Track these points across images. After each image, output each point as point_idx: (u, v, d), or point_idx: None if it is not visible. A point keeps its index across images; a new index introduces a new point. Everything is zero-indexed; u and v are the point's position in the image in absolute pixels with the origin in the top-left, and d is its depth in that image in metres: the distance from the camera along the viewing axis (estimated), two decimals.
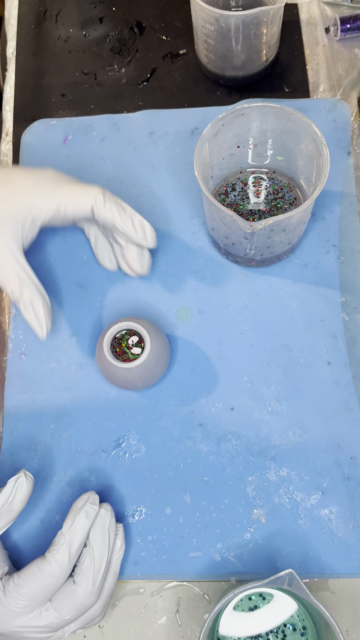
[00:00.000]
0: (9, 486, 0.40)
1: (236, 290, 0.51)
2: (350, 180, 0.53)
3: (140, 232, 0.44)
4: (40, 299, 0.44)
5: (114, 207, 0.43)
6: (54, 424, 0.48)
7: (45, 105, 0.59)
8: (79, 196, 0.43)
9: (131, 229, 0.44)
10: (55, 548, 0.39)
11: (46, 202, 0.43)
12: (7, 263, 0.43)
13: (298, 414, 0.47)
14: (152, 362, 0.43)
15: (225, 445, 0.47)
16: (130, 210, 0.44)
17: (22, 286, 0.43)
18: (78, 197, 0.43)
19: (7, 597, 0.38)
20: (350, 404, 0.47)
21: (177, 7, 0.62)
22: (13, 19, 0.63)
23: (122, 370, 0.42)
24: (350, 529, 0.44)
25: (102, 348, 0.43)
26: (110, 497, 0.46)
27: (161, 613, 0.45)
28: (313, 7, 0.60)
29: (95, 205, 0.43)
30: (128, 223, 0.44)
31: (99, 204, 0.43)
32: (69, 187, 0.44)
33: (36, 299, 0.44)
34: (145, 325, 0.44)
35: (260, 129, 0.47)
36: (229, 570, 0.44)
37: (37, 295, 0.44)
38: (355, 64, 0.57)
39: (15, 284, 0.43)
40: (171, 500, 0.46)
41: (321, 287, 0.50)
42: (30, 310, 0.44)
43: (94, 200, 0.43)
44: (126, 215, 0.44)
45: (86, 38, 0.62)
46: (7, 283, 0.44)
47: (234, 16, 0.48)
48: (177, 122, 0.56)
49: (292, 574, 0.37)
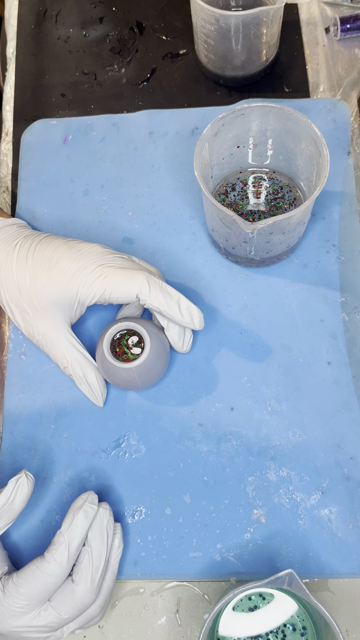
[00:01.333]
0: (10, 486, 0.40)
1: (236, 290, 0.51)
2: (350, 180, 0.53)
3: (187, 317, 0.44)
4: (93, 373, 0.46)
5: (160, 294, 0.43)
6: (54, 424, 0.48)
7: (45, 105, 0.59)
8: (124, 284, 0.43)
9: (178, 314, 0.44)
10: (54, 547, 0.39)
11: (91, 287, 0.44)
12: (59, 343, 0.46)
13: (298, 414, 0.47)
14: (152, 362, 0.43)
15: (225, 445, 0.47)
16: (176, 295, 0.44)
17: (74, 363, 0.46)
18: (123, 285, 0.43)
19: (6, 596, 0.38)
20: (350, 404, 0.47)
21: (177, 7, 0.62)
22: (13, 19, 0.63)
23: (122, 370, 0.42)
24: (350, 529, 0.44)
25: (102, 348, 0.43)
26: (110, 497, 0.46)
27: (161, 613, 0.45)
28: (313, 7, 0.60)
29: (140, 294, 0.43)
30: (175, 309, 0.44)
31: (144, 292, 0.43)
32: (114, 273, 0.44)
33: (89, 373, 0.46)
34: (145, 325, 0.44)
35: (260, 129, 0.47)
36: (229, 571, 0.44)
37: (90, 370, 0.46)
38: (355, 64, 0.57)
39: (67, 362, 0.46)
40: (171, 500, 0.46)
41: (321, 287, 0.50)
42: (85, 384, 0.47)
43: (139, 289, 0.43)
44: (173, 302, 0.44)
45: (86, 38, 0.62)
46: (60, 361, 0.46)
47: (234, 16, 0.48)
48: (177, 122, 0.56)
49: (292, 574, 0.37)
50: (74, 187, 0.55)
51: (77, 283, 0.44)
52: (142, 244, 0.53)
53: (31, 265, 0.45)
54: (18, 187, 0.56)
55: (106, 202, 0.54)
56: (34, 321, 0.45)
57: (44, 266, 0.44)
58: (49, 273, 0.44)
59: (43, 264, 0.45)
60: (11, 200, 0.56)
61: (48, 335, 0.45)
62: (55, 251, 0.45)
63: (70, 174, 0.56)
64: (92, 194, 0.55)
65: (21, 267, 0.45)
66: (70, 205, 0.55)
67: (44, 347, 0.46)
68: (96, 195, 0.55)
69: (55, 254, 0.45)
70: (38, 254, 0.45)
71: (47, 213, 0.54)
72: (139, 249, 0.53)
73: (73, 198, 0.55)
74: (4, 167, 0.57)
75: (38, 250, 0.45)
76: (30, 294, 0.45)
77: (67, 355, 0.46)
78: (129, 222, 0.54)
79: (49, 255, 0.45)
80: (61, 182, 0.55)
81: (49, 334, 0.45)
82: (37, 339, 0.46)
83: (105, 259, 0.45)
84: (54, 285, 0.44)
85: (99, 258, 0.45)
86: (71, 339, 0.46)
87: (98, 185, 0.55)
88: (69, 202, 0.55)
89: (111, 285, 0.43)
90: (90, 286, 0.44)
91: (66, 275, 0.44)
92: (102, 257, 0.45)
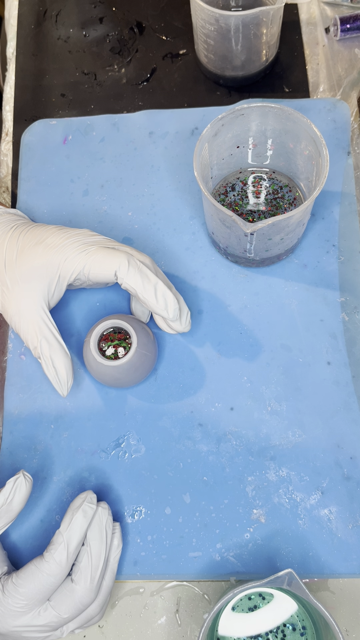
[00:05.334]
0: (8, 487, 0.40)
1: (236, 290, 0.51)
2: (350, 180, 0.53)
3: (161, 303, 0.43)
4: (62, 357, 0.44)
5: (138, 275, 0.43)
6: (54, 423, 0.48)
7: (45, 105, 0.59)
8: (104, 260, 0.43)
9: (153, 299, 0.43)
10: (54, 547, 0.39)
11: (73, 260, 0.43)
12: (31, 319, 0.44)
13: (298, 414, 0.47)
14: (138, 360, 0.43)
15: (225, 445, 0.47)
16: (154, 279, 0.43)
17: (43, 343, 0.44)
18: (103, 261, 0.43)
19: (5, 596, 0.38)
20: (350, 404, 0.47)
21: (177, 7, 0.62)
22: (13, 19, 0.63)
23: (108, 368, 0.43)
24: (350, 529, 0.44)
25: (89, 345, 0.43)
26: (109, 497, 0.46)
27: (161, 613, 0.45)
28: (313, 7, 0.60)
29: (118, 271, 0.43)
30: (150, 293, 0.43)
31: (123, 270, 0.43)
32: (97, 250, 0.44)
33: (57, 357, 0.44)
34: (133, 323, 0.44)
35: (260, 129, 0.47)
36: (229, 570, 0.44)
37: (58, 353, 0.44)
38: (355, 64, 0.57)
39: (37, 340, 0.44)
40: (171, 500, 0.46)
41: (321, 287, 0.50)
42: (51, 367, 0.44)
43: (118, 266, 0.43)
44: (150, 285, 0.43)
45: (86, 38, 0.62)
46: (29, 339, 0.44)
47: (234, 16, 0.48)
48: (177, 122, 0.56)
49: (291, 574, 0.37)
50: (74, 187, 0.55)
51: (60, 256, 0.44)
52: (142, 244, 0.53)
53: (21, 242, 0.45)
54: (18, 187, 0.56)
55: (106, 202, 0.54)
56: (12, 295, 0.44)
57: (32, 242, 0.45)
58: (35, 247, 0.45)
59: (32, 240, 0.45)
60: (11, 200, 0.56)
61: (23, 310, 0.44)
62: (46, 231, 0.46)
63: (70, 174, 0.56)
64: (92, 194, 0.55)
65: (11, 245, 0.45)
66: (70, 205, 0.55)
67: (16, 324, 0.45)
68: (96, 195, 0.55)
69: (45, 233, 0.45)
70: (29, 234, 0.46)
71: (47, 213, 0.54)
72: (138, 248, 0.53)
73: (73, 198, 0.55)
74: (4, 167, 0.58)
75: (30, 231, 0.46)
76: (13, 267, 0.44)
77: (38, 333, 0.44)
78: (129, 222, 0.54)
79: (39, 234, 0.45)
80: (61, 182, 0.55)
81: (24, 309, 0.44)
82: (10, 315, 0.45)
83: (93, 239, 0.45)
84: (37, 257, 0.44)
85: (86, 238, 0.45)
86: (45, 318, 0.44)
87: (98, 185, 0.55)
88: (69, 202, 0.55)
89: (91, 260, 0.43)
90: (72, 260, 0.43)
91: (51, 249, 0.44)
92: (89, 237, 0.45)
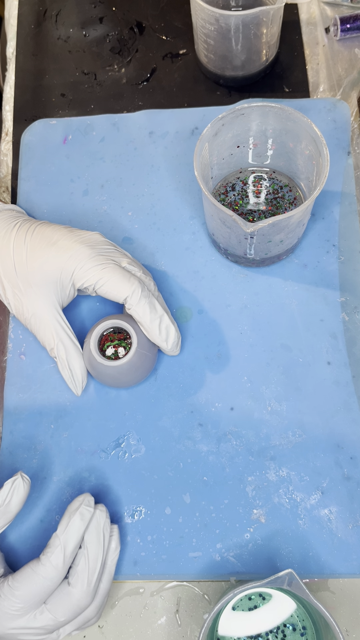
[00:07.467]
0: (6, 488, 0.39)
1: (236, 290, 0.51)
2: (350, 180, 0.53)
3: (163, 335, 0.45)
4: (77, 358, 0.46)
5: (147, 306, 0.44)
6: (54, 423, 0.48)
7: (45, 105, 0.59)
8: (119, 282, 0.44)
9: (156, 330, 0.44)
10: (50, 550, 0.39)
11: (87, 272, 0.44)
12: (48, 322, 0.45)
13: (298, 414, 0.47)
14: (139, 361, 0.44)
15: (225, 445, 0.47)
16: (160, 311, 0.44)
17: (59, 345, 0.45)
18: (118, 283, 0.44)
19: (1, 599, 0.38)
20: (350, 404, 0.47)
21: (177, 7, 0.62)
22: (13, 19, 0.63)
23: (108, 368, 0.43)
24: (350, 529, 0.44)
25: (89, 344, 0.43)
26: (109, 497, 0.46)
27: (161, 613, 0.45)
28: (313, 7, 0.60)
29: (130, 298, 0.44)
30: (155, 324, 0.44)
31: (134, 298, 0.44)
32: (113, 269, 0.44)
33: (72, 358, 0.45)
34: (133, 323, 0.44)
35: (260, 129, 0.47)
36: (229, 570, 0.44)
37: (74, 355, 0.45)
38: (355, 64, 0.57)
39: (54, 342, 0.45)
40: (171, 500, 0.46)
41: (321, 287, 0.50)
42: (67, 369, 0.46)
43: (131, 293, 0.44)
44: (156, 316, 0.44)
45: (86, 38, 0.62)
46: (46, 341, 0.45)
47: (234, 16, 0.48)
48: (177, 122, 0.56)
49: (291, 574, 0.37)
50: (74, 187, 0.55)
51: (75, 263, 0.44)
52: (142, 244, 0.53)
53: (29, 242, 0.45)
54: (18, 187, 0.56)
55: (106, 202, 0.54)
56: (26, 298, 0.45)
57: (42, 244, 0.44)
58: (47, 250, 0.44)
59: (42, 242, 0.45)
60: (11, 201, 0.56)
61: (38, 313, 0.45)
62: (56, 232, 0.45)
63: (70, 174, 0.56)
64: (92, 194, 0.55)
65: (19, 244, 0.45)
66: (70, 205, 0.55)
67: (32, 326, 0.45)
68: (96, 195, 0.55)
69: (55, 234, 0.45)
70: (37, 234, 0.45)
71: (47, 213, 0.54)
72: (138, 249, 0.53)
73: (73, 198, 0.55)
74: (4, 167, 0.58)
75: (38, 231, 0.46)
76: (25, 270, 0.44)
77: (55, 335, 0.45)
78: (129, 222, 0.54)
79: (48, 235, 0.45)
80: (61, 182, 0.55)
81: (40, 312, 0.45)
82: (26, 317, 0.45)
83: (105, 249, 0.45)
84: (51, 262, 0.44)
85: (99, 246, 0.45)
86: (61, 320, 0.45)
87: (98, 185, 0.55)
88: (69, 202, 0.55)
89: (106, 278, 0.44)
90: (87, 270, 0.44)
91: (65, 253, 0.44)
92: (101, 246, 0.45)
